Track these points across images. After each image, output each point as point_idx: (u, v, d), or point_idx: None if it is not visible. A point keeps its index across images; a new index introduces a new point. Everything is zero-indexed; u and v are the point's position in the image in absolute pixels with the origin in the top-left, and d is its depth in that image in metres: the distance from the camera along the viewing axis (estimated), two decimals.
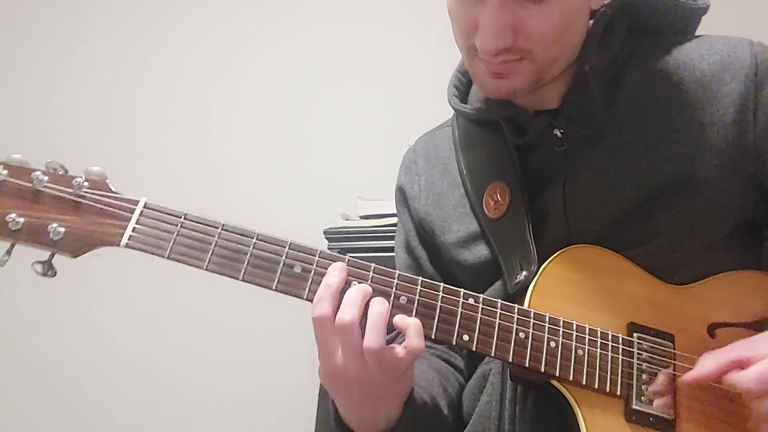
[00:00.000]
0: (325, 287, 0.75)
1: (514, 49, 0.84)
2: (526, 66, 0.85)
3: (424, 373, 0.95)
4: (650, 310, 0.85)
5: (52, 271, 0.75)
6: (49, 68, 2.31)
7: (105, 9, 2.31)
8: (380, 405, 0.79)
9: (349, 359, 0.74)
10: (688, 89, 0.89)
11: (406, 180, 1.08)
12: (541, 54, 0.84)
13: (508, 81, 0.87)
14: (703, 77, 0.90)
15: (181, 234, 0.76)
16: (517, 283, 0.87)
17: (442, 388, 0.95)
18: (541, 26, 0.82)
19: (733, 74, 0.89)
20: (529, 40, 0.83)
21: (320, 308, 0.74)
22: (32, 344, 2.16)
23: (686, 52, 0.93)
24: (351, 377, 0.75)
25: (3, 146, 0.82)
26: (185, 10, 2.28)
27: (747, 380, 0.73)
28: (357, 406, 0.79)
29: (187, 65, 2.26)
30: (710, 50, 0.92)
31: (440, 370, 0.99)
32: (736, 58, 0.90)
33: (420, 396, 0.85)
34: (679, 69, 0.91)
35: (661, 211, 0.87)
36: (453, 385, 0.98)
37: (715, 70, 0.90)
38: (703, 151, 0.87)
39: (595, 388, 0.79)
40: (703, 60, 0.91)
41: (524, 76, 0.86)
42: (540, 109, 0.93)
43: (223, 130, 2.21)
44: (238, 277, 0.76)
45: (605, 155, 0.89)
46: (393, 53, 2.10)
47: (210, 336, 2.11)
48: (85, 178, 0.77)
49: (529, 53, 0.84)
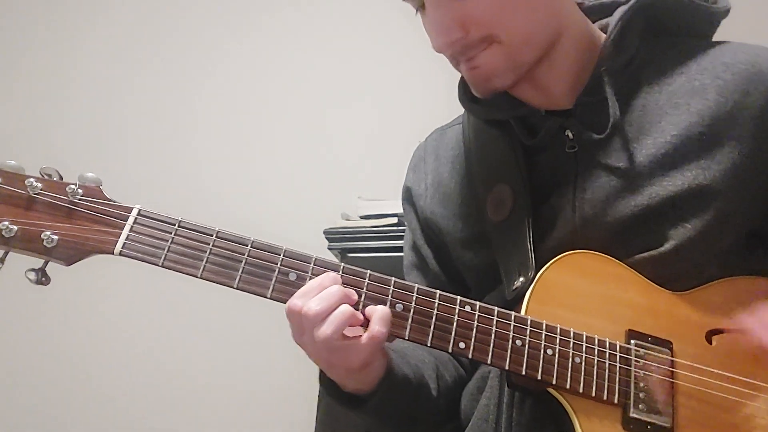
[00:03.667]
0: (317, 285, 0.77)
1: (474, 41, 0.86)
2: (495, 50, 0.86)
3: (421, 355, 0.95)
4: (648, 317, 0.84)
5: (46, 279, 0.75)
6: (45, 74, 2.32)
7: (101, 14, 2.31)
8: (343, 379, 0.83)
9: (305, 341, 0.78)
10: (708, 98, 0.88)
11: (414, 177, 1.08)
12: (502, 33, 0.85)
13: (482, 70, 0.88)
14: (727, 87, 0.88)
15: (176, 241, 0.76)
16: (515, 289, 0.86)
17: (436, 373, 0.95)
18: (483, 8, 0.84)
19: (756, 86, 0.87)
20: (480, 26, 0.85)
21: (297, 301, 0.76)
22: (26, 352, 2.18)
23: (709, 59, 0.91)
24: (310, 353, 0.80)
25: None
26: (183, 10, 2.27)
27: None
28: (327, 370, 0.83)
29: (186, 65, 2.26)
30: (734, 59, 0.90)
31: (440, 357, 0.99)
32: (759, 69, 0.88)
33: (402, 372, 0.87)
34: (701, 74, 0.90)
35: (671, 220, 0.85)
36: (450, 373, 0.98)
37: (739, 82, 0.88)
38: (719, 163, 0.85)
39: (593, 396, 0.79)
40: (727, 69, 0.89)
41: (496, 61, 0.87)
42: (552, 109, 0.93)
43: (223, 131, 2.21)
44: (232, 285, 0.76)
45: (618, 160, 0.88)
46: (393, 54, 2.09)
47: (207, 340, 2.12)
48: (79, 184, 0.77)
49: (490, 37, 0.86)
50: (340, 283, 0.77)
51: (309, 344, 0.77)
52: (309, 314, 0.74)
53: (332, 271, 0.78)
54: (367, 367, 0.81)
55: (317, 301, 0.75)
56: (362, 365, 0.79)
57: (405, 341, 0.80)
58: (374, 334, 0.76)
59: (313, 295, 0.76)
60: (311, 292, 0.76)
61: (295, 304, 0.76)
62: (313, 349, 0.78)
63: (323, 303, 0.75)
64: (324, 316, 0.75)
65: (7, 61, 2.33)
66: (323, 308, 0.75)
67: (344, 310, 0.76)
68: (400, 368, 0.87)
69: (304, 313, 0.75)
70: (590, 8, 0.97)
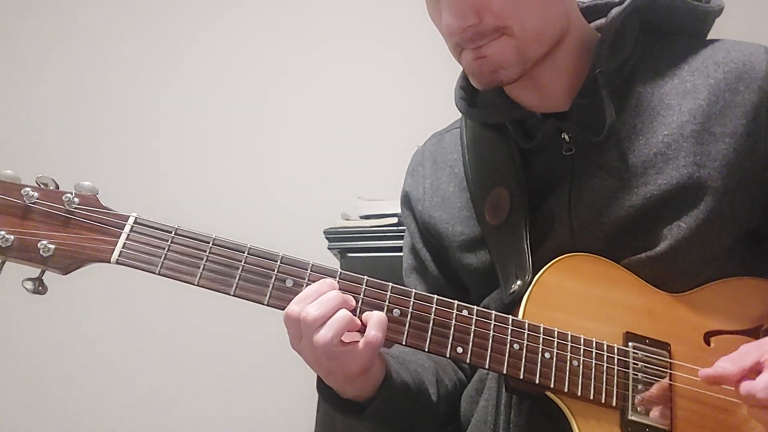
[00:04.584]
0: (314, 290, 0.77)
1: (486, 30, 0.84)
2: (505, 42, 0.85)
3: (420, 360, 0.95)
4: (646, 319, 0.84)
5: (43, 288, 0.75)
6: (40, 81, 2.31)
7: (97, 16, 2.31)
8: (341, 386, 0.82)
9: (303, 346, 0.77)
10: (701, 97, 0.88)
11: (412, 182, 1.08)
12: (515, 26, 0.84)
13: (489, 60, 0.86)
14: (718, 86, 0.88)
15: (172, 249, 0.76)
16: (512, 292, 0.86)
17: (436, 378, 0.95)
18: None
19: (747, 84, 0.87)
20: (495, 16, 0.84)
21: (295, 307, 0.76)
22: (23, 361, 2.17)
23: (701, 59, 0.91)
24: (308, 359, 0.79)
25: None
26: (180, 13, 2.27)
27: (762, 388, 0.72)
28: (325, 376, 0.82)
29: (183, 68, 2.26)
30: (726, 58, 0.90)
31: (440, 362, 0.99)
32: (751, 67, 0.88)
33: (401, 378, 0.87)
34: (693, 75, 0.90)
35: (667, 219, 0.86)
36: (450, 378, 0.99)
37: (730, 80, 0.88)
38: (713, 161, 0.85)
39: (591, 399, 0.79)
40: (719, 68, 0.89)
41: (506, 53, 0.86)
42: (548, 112, 0.92)
43: (223, 131, 2.21)
44: (229, 292, 0.76)
45: (613, 160, 0.88)
46: (393, 54, 2.09)
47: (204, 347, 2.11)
48: (75, 193, 0.77)
49: (503, 28, 0.84)
50: (337, 288, 0.77)
51: (307, 350, 0.77)
52: (308, 319, 0.74)
53: (329, 277, 0.78)
54: (365, 373, 0.81)
55: (316, 306, 0.75)
56: (360, 371, 0.79)
57: (403, 346, 0.80)
58: (370, 339, 0.76)
59: (310, 300, 0.76)
60: (309, 298, 0.76)
61: (293, 310, 0.76)
62: (311, 356, 0.77)
63: (322, 308, 0.75)
64: (322, 321, 0.75)
65: (2, 68, 2.33)
66: (322, 313, 0.74)
67: (343, 315, 0.75)
68: (398, 374, 0.87)
69: (302, 319, 0.75)
70: (586, 9, 0.97)
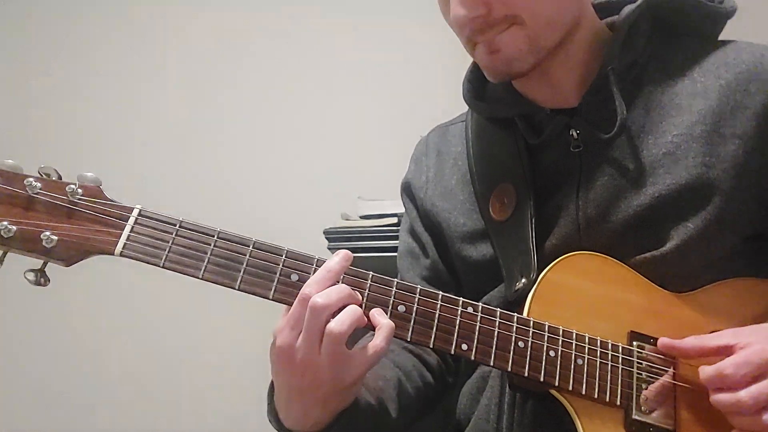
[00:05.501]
0: (325, 270, 0.75)
1: (495, 20, 0.84)
2: (516, 32, 0.85)
3: (383, 371, 0.91)
4: (651, 318, 0.84)
5: (45, 280, 0.74)
6: (44, 72, 2.30)
7: (101, 12, 2.30)
8: (313, 407, 0.76)
9: (305, 339, 0.72)
10: (711, 98, 0.87)
11: (415, 170, 1.08)
12: (525, 14, 0.84)
13: (502, 53, 0.86)
14: (729, 87, 0.88)
15: (177, 242, 0.75)
16: (516, 290, 0.86)
17: (397, 391, 0.91)
18: None
19: (758, 86, 0.87)
20: (504, 5, 0.83)
21: (309, 288, 0.73)
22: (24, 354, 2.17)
23: (712, 60, 0.91)
24: (298, 359, 0.73)
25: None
26: (181, 11, 2.26)
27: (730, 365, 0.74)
28: (292, 394, 0.77)
29: (185, 65, 2.25)
30: (737, 59, 0.90)
31: (404, 367, 0.95)
32: (762, 69, 0.88)
33: (365, 400, 0.83)
34: (703, 76, 0.90)
35: (674, 219, 0.85)
36: (414, 384, 0.95)
37: (741, 81, 0.88)
38: (722, 162, 0.85)
39: (595, 398, 0.79)
40: (730, 69, 0.89)
41: (517, 43, 0.85)
42: (557, 108, 0.92)
43: (223, 131, 2.20)
44: (234, 286, 0.75)
45: (621, 158, 0.88)
46: (394, 54, 2.08)
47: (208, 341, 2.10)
48: (78, 184, 0.76)
49: (513, 17, 0.84)
50: (349, 261, 0.76)
51: (302, 351, 0.73)
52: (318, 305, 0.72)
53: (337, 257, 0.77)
54: (356, 385, 0.77)
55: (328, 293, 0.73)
56: (352, 382, 0.75)
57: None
58: (376, 345, 0.74)
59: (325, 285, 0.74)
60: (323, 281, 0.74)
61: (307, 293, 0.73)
62: (309, 358, 0.72)
63: (333, 295, 0.73)
64: (337, 308, 0.73)
65: (4, 60, 2.32)
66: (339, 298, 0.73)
67: (355, 309, 0.74)
68: (362, 396, 0.83)
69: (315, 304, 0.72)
70: (598, 6, 0.97)
